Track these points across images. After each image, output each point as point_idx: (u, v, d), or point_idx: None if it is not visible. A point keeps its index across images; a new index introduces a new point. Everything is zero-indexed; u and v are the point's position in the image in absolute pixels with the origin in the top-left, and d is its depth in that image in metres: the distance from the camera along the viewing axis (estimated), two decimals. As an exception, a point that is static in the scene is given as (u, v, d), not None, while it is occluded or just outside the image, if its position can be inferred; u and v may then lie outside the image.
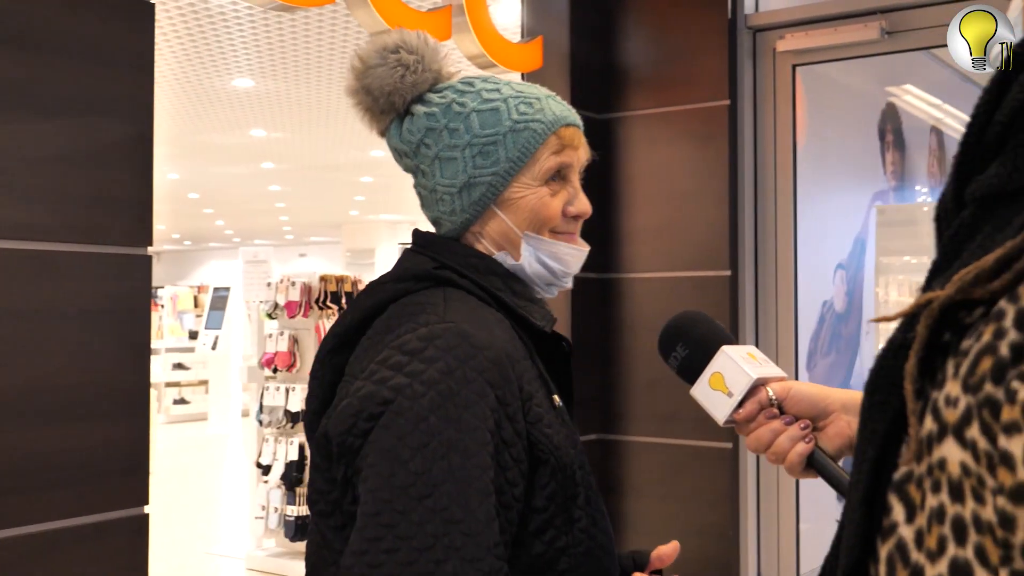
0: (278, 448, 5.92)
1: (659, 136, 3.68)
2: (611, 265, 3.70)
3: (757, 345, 3.60)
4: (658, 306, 3.63)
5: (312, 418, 1.25)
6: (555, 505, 1.15)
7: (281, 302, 6.03)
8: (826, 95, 4.23)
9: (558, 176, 1.30)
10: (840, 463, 1.13)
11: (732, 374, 1.16)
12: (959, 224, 0.60)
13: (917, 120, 5.28)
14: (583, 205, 1.32)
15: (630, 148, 3.74)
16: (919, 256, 4.50)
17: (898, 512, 0.55)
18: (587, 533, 1.18)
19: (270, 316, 6.25)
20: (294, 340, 5.97)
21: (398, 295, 1.22)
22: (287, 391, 5.88)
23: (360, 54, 1.31)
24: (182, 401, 14.41)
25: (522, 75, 3.67)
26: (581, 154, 1.33)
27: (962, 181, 0.61)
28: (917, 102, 5.25)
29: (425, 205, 1.33)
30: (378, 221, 19.16)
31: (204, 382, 14.21)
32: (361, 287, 6.13)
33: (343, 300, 5.96)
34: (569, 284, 1.34)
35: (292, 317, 5.95)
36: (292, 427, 5.80)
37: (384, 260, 17.58)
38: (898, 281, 4.58)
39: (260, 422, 6.09)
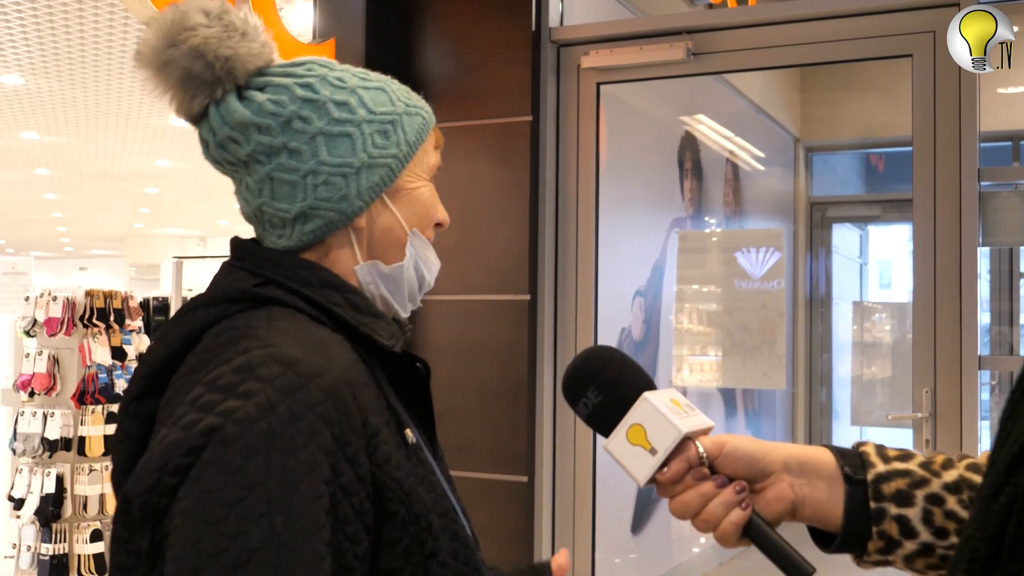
0: (33, 480, 5.37)
1: (458, 151, 3.48)
2: (404, 286, 3.46)
3: (555, 371, 3.44)
4: (453, 330, 3.44)
5: (118, 479, 1.04)
6: (412, 565, 0.98)
7: (41, 318, 5.47)
8: (625, 119, 4.18)
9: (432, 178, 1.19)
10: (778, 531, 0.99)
11: (656, 426, 0.98)
12: None
13: (712, 151, 5.35)
14: (446, 215, 1.20)
15: (427, 162, 3.52)
16: (715, 284, 4.50)
17: None
18: None
19: (28, 334, 5.66)
20: (54, 361, 5.44)
21: (212, 321, 1.02)
22: (45, 416, 5.34)
23: (169, 15, 1.07)
24: (-66, 426, 13.18)
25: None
26: None
27: None
28: (711, 132, 5.32)
29: (280, 195, 1.09)
30: (164, 235, 18.44)
31: (-40, 405, 13.05)
32: (133, 303, 5.68)
33: (111, 317, 5.48)
34: (416, 306, 1.20)
35: (53, 335, 5.41)
36: (50, 457, 5.25)
37: (169, 276, 16.77)
38: (697, 310, 4.56)
39: (13, 451, 5.51)
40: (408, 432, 1.05)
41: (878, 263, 8.87)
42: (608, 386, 1.02)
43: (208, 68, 1.06)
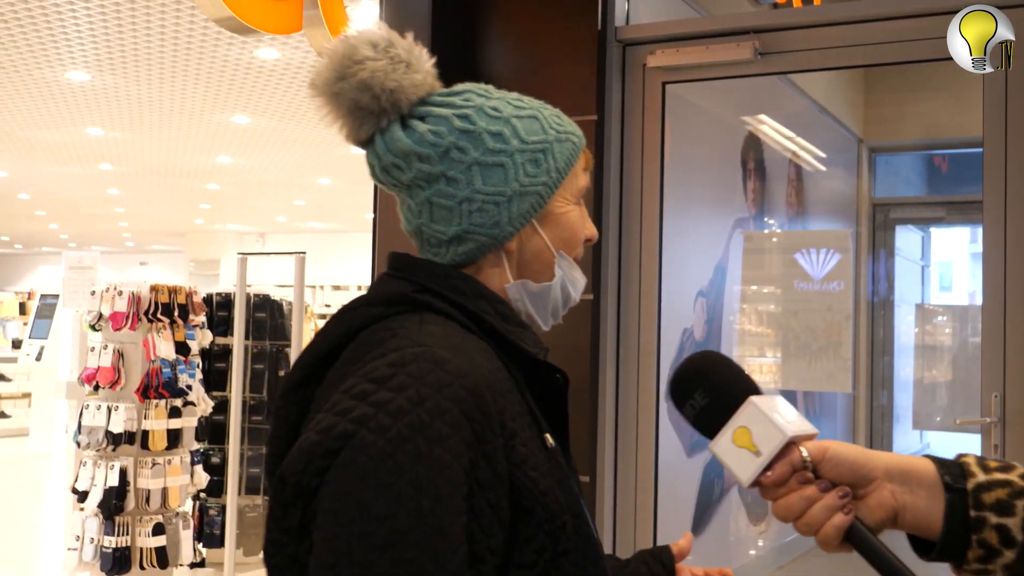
0: (97, 473, 5.46)
1: (522, 150, 3.49)
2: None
3: (617, 371, 3.44)
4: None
5: (273, 461, 1.11)
6: (544, 560, 1.02)
7: (106, 312, 5.56)
8: (688, 119, 4.16)
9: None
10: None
11: (761, 429, 1.01)
12: None
13: (775, 151, 5.30)
14: (594, 230, 1.26)
15: (491, 161, 3.53)
16: (779, 286, 4.47)
17: None
18: None
19: (93, 328, 5.77)
20: (119, 355, 5.52)
21: (370, 321, 1.10)
22: (109, 410, 5.43)
23: (340, 49, 1.16)
24: (2, 415, 13.58)
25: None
26: None
27: None
28: (774, 133, 5.28)
29: (437, 218, 1.17)
30: (224, 231, 18.66)
31: (27, 395, 13.43)
32: (197, 299, 5.76)
33: (175, 312, 5.55)
34: (560, 319, 1.25)
35: (118, 329, 5.50)
36: (113, 450, 5.34)
37: (230, 272, 16.97)
38: (759, 311, 4.53)
39: (78, 444, 5.61)
40: (548, 436, 1.10)
41: (939, 265, 8.72)
42: (715, 389, 1.05)
43: (375, 100, 1.15)
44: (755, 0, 4.31)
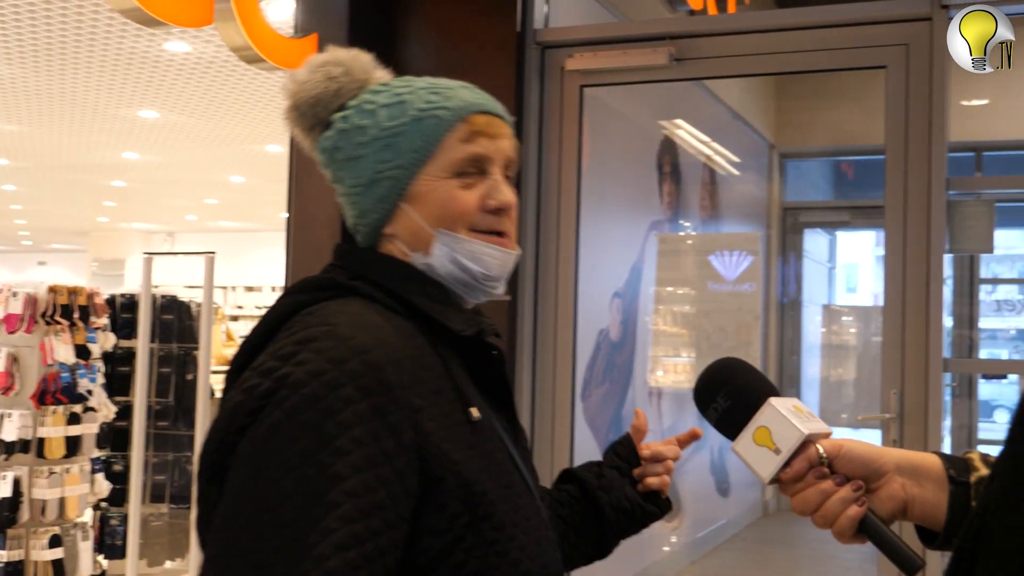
0: (-10, 482, 5.23)
1: (440, 150, 3.48)
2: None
3: (534, 371, 3.45)
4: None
5: None
6: (459, 526, 1.07)
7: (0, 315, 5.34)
8: (605, 122, 4.20)
9: (474, 168, 1.21)
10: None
11: (780, 429, 1.08)
12: None
13: (690, 155, 5.39)
14: (503, 196, 1.22)
15: (409, 161, 3.51)
16: (692, 287, 4.54)
17: None
18: (508, 558, 1.09)
19: (-15, 331, 5.52)
20: (13, 359, 5.29)
21: (300, 307, 1.15)
22: (2, 417, 5.18)
23: (293, 74, 1.29)
24: None
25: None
26: (502, 145, 1.24)
27: None
28: (689, 137, 5.37)
29: (347, 213, 1.28)
30: (130, 230, 18.17)
31: (-83, 400, 12.75)
32: (99, 300, 5.58)
33: (76, 314, 5.35)
34: (498, 290, 1.25)
35: (12, 332, 5.27)
36: (6, 459, 5.11)
37: (136, 272, 16.55)
38: (674, 312, 4.60)
39: (-30, 451, 5.36)
40: (473, 410, 1.14)
41: (845, 267, 8.99)
42: (736, 392, 1.12)
43: (303, 117, 1.27)
44: (671, 6, 4.38)
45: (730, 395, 1.12)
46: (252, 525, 0.98)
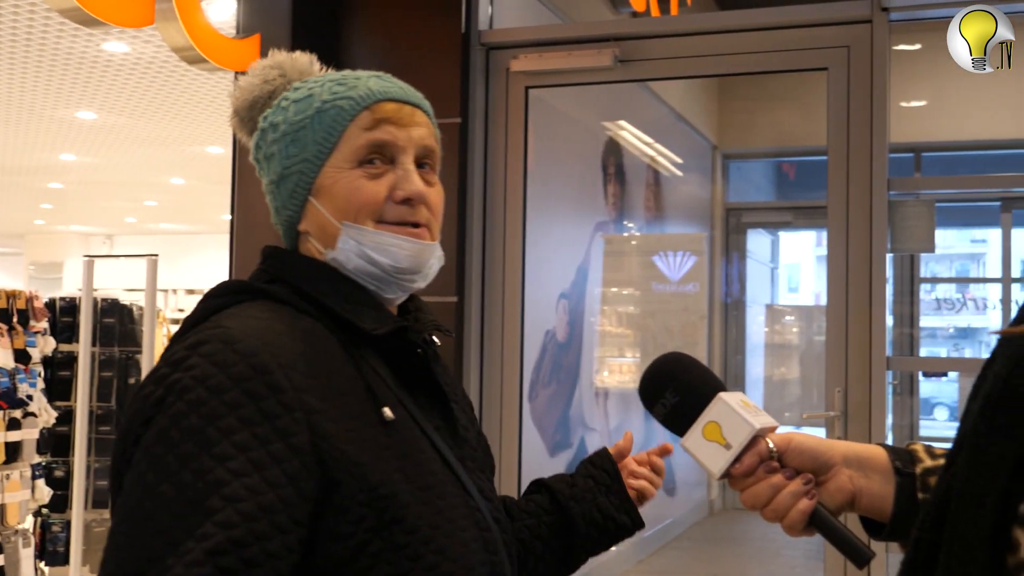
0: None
1: (385, 151, 3.46)
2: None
3: (481, 372, 3.45)
4: (379, 333, 3.41)
5: None
6: (364, 530, 1.03)
7: (-64, 319, 5.21)
8: (550, 123, 4.21)
9: (380, 157, 1.18)
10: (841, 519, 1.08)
11: (730, 424, 1.07)
12: None
13: (634, 156, 5.43)
14: (412, 186, 1.18)
15: (354, 162, 3.49)
16: (639, 287, 4.57)
17: None
18: (422, 562, 1.05)
19: (-81, 336, 5.38)
20: (-50, 364, 5.17)
21: (214, 311, 1.13)
22: (-62, 424, 5.07)
23: (238, 81, 1.29)
24: None
25: (235, 75, 3.33)
26: (414, 133, 1.20)
27: None
28: (632, 138, 5.40)
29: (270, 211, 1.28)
30: (68, 232, 17.83)
31: None
32: (39, 304, 5.47)
33: (15, 318, 5.25)
34: (416, 284, 1.21)
35: (-50, 336, 5.15)
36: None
37: (74, 275, 16.24)
38: (619, 312, 4.62)
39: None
40: (386, 410, 1.11)
41: (787, 267, 9.12)
42: (685, 388, 1.11)
43: (242, 122, 1.27)
44: (614, 7, 4.41)
45: (679, 391, 1.11)
46: (132, 532, 0.97)
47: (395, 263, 1.17)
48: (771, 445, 1.07)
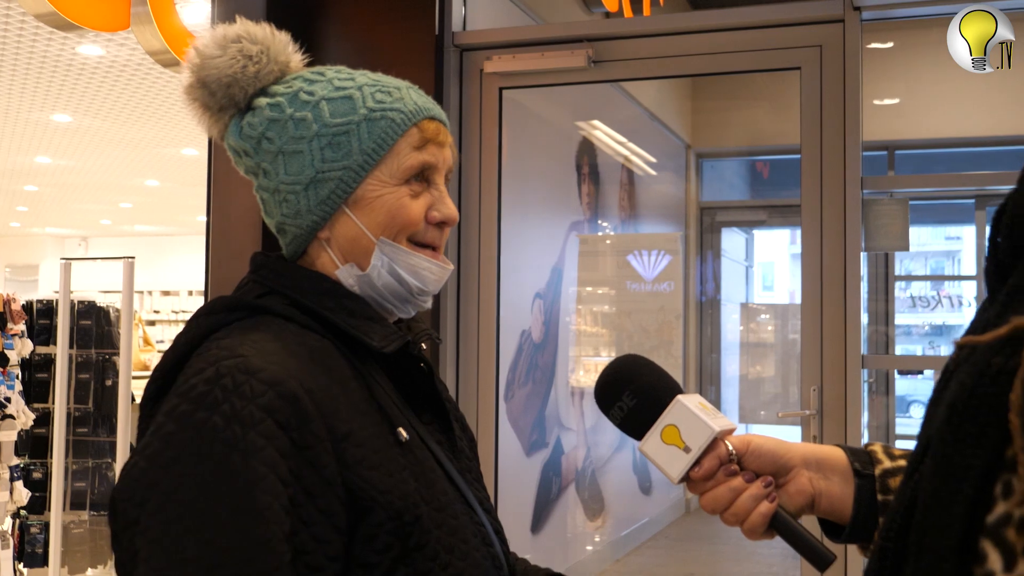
0: None
1: (360, 152, 3.47)
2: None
3: (457, 372, 3.46)
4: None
5: None
6: (390, 559, 1.00)
7: (-89, 323, 5.18)
8: (524, 124, 4.22)
9: (420, 177, 1.16)
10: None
11: (690, 427, 1.04)
12: None
13: (608, 156, 5.45)
14: (448, 209, 1.17)
15: (329, 163, 3.50)
16: (614, 287, 4.59)
17: (994, 560, 0.53)
18: None
19: None
20: (-75, 368, 5.14)
21: (213, 329, 1.08)
22: (-83, 426, 5.05)
23: (197, 46, 1.17)
24: None
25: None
26: (447, 154, 1.19)
27: None
28: (606, 138, 5.42)
29: (267, 211, 1.19)
30: (43, 235, 17.69)
31: None
32: (16, 306, 5.44)
33: (-10, 322, 5.22)
34: (427, 304, 1.20)
35: (-75, 340, 5.13)
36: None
37: (49, 277, 16.12)
38: (595, 312, 4.64)
39: None
40: (400, 430, 1.08)
41: (761, 266, 9.17)
42: (642, 391, 1.07)
43: (212, 97, 1.16)
44: (587, 8, 4.42)
45: (636, 394, 1.07)
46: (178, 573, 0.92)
47: (423, 286, 1.16)
48: (730, 447, 1.05)
